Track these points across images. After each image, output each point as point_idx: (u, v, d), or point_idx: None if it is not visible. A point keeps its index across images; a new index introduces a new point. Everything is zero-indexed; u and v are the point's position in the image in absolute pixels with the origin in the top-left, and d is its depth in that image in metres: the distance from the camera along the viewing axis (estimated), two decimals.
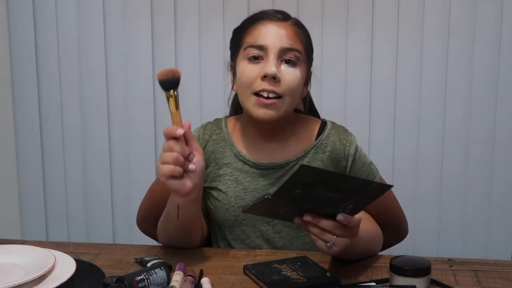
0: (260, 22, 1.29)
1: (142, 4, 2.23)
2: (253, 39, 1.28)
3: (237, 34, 1.34)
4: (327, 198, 1.02)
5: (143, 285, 1.06)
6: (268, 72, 1.24)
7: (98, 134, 2.32)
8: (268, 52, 1.26)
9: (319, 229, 1.07)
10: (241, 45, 1.30)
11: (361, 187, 1.04)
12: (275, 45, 1.26)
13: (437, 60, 2.16)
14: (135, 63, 2.27)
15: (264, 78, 1.25)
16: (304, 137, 1.36)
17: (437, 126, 2.19)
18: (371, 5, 2.15)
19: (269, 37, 1.27)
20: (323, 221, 1.06)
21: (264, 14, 1.31)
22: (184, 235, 1.29)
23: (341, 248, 1.08)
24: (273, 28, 1.27)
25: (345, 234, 1.07)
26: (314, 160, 1.34)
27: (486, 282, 1.16)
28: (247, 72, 1.27)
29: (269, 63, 1.25)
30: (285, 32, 1.27)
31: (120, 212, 2.35)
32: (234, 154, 1.35)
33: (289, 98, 1.27)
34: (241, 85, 1.29)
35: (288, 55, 1.26)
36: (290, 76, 1.26)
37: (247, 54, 1.28)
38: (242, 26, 1.33)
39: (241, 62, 1.29)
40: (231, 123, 1.40)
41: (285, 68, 1.26)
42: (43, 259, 1.11)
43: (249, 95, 1.27)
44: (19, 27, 2.28)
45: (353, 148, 1.34)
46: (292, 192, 1.01)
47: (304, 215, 1.06)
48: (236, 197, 1.33)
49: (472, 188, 2.21)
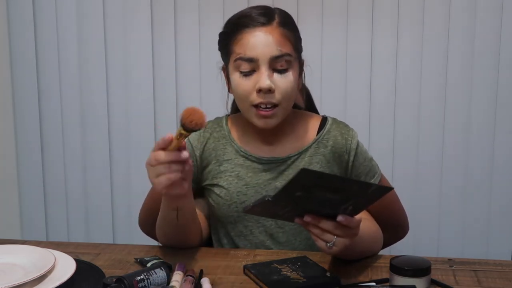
0: (245, 30, 1.27)
1: (142, 4, 2.23)
2: (242, 49, 1.26)
3: (224, 39, 1.32)
4: (327, 200, 1.02)
5: (143, 285, 1.06)
6: (262, 86, 1.24)
7: (98, 134, 2.32)
8: (259, 63, 1.25)
9: (319, 230, 1.07)
10: (230, 53, 1.29)
11: (361, 189, 1.04)
12: (265, 55, 1.25)
13: (437, 60, 2.16)
14: (135, 63, 2.27)
15: (260, 92, 1.25)
16: (305, 133, 1.37)
17: (437, 126, 2.19)
18: (371, 5, 2.15)
19: (257, 47, 1.25)
20: (323, 221, 1.06)
21: (248, 19, 1.28)
22: (183, 235, 1.29)
23: (341, 248, 1.09)
24: (259, 36, 1.26)
25: (346, 234, 1.07)
26: (316, 155, 1.34)
27: (486, 282, 1.16)
28: (242, 86, 1.27)
29: (262, 76, 1.25)
30: (272, 39, 1.25)
31: (120, 212, 2.35)
32: (235, 150, 1.36)
33: (286, 103, 1.28)
34: (237, 97, 1.30)
35: (279, 63, 1.26)
36: (284, 84, 1.26)
37: (237, 66, 1.27)
38: (228, 31, 1.31)
39: (233, 73, 1.29)
40: (231, 121, 1.40)
41: (278, 76, 1.26)
42: (43, 259, 1.11)
43: (248, 106, 1.28)
44: (19, 27, 2.28)
45: (355, 143, 1.35)
46: (293, 195, 1.01)
47: (305, 215, 1.06)
48: (238, 193, 1.34)
49: (472, 188, 2.21)
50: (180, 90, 2.26)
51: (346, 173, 1.36)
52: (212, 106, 2.19)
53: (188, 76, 2.26)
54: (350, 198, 1.03)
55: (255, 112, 1.27)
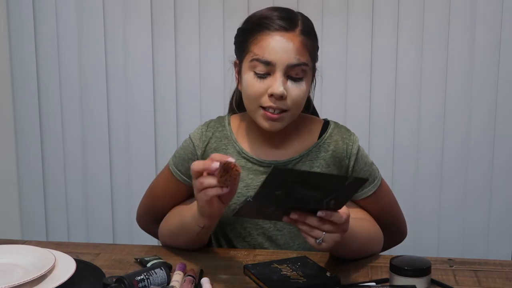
0: (266, 33, 1.25)
1: (142, 4, 2.23)
2: (260, 51, 1.25)
3: (242, 36, 1.31)
4: (308, 196, 1.03)
5: (143, 285, 1.06)
6: (275, 92, 1.23)
7: (98, 134, 2.31)
8: (275, 68, 1.24)
9: (307, 226, 1.08)
10: (246, 51, 1.28)
11: (337, 182, 1.05)
12: (283, 61, 1.24)
13: (437, 61, 2.16)
14: (135, 63, 2.27)
15: (271, 96, 1.25)
16: (307, 136, 1.36)
17: (437, 127, 2.19)
18: (371, 5, 2.15)
19: (276, 52, 1.24)
20: (310, 218, 1.06)
21: (271, 21, 1.26)
22: (192, 245, 1.31)
23: (331, 245, 1.08)
24: (280, 41, 1.24)
25: (334, 229, 1.07)
26: (316, 159, 1.34)
27: (486, 282, 1.16)
28: (254, 88, 1.26)
29: (276, 82, 1.24)
30: (292, 46, 1.24)
31: (120, 212, 2.35)
32: (237, 151, 1.35)
33: (295, 110, 1.28)
34: (247, 97, 1.29)
35: (295, 71, 1.25)
36: (297, 92, 1.26)
37: (253, 66, 1.26)
38: (247, 28, 1.30)
39: (247, 72, 1.27)
40: (234, 121, 1.39)
41: (291, 84, 1.25)
42: (43, 259, 1.11)
43: (256, 107, 1.27)
44: (19, 27, 2.27)
45: (356, 148, 1.34)
46: (272, 193, 1.02)
47: (291, 213, 1.07)
48: (238, 194, 1.33)
49: (472, 188, 2.21)
50: (180, 90, 2.26)
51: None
52: (212, 107, 2.22)
53: (188, 76, 2.26)
54: (329, 193, 1.03)
55: (262, 113, 1.26)
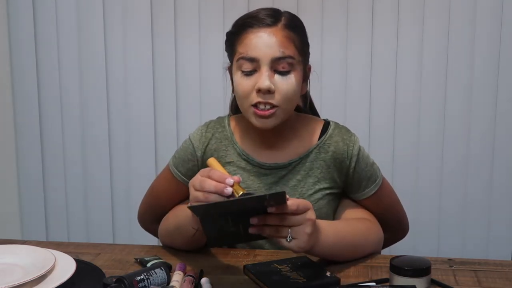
0: (250, 31, 1.26)
1: (142, 4, 2.23)
2: (244, 49, 1.26)
3: (229, 39, 1.32)
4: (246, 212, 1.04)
5: (143, 285, 1.06)
6: (261, 86, 1.24)
7: (98, 134, 2.31)
8: (260, 63, 1.25)
9: (272, 228, 1.08)
10: (234, 53, 1.29)
11: (258, 203, 1.05)
12: (267, 55, 1.24)
13: (437, 60, 2.16)
14: (135, 63, 2.27)
15: (259, 92, 1.25)
16: (307, 137, 1.36)
17: (437, 126, 2.19)
18: (371, 5, 2.15)
19: (260, 47, 1.25)
20: (269, 217, 1.07)
21: (254, 19, 1.27)
22: (189, 245, 1.30)
23: (306, 239, 1.08)
24: (263, 36, 1.25)
25: (297, 221, 1.07)
26: (317, 160, 1.34)
27: (486, 282, 1.16)
28: (242, 86, 1.27)
29: (262, 76, 1.24)
30: (275, 40, 1.25)
31: (120, 212, 2.35)
32: (237, 152, 1.35)
33: (285, 105, 1.27)
34: (238, 97, 1.30)
35: (280, 64, 1.25)
36: (285, 86, 1.26)
37: (239, 66, 1.27)
38: (234, 31, 1.31)
39: (236, 72, 1.29)
40: (234, 122, 1.40)
41: (279, 78, 1.26)
42: (43, 259, 1.11)
43: (247, 106, 1.28)
44: (19, 27, 2.28)
45: (357, 149, 1.34)
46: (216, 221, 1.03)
47: (250, 219, 1.07)
48: None
49: (472, 188, 2.21)
50: (180, 90, 2.26)
51: (346, 178, 1.35)
52: (212, 107, 2.21)
53: (188, 76, 2.26)
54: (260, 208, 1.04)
55: (253, 111, 1.27)
